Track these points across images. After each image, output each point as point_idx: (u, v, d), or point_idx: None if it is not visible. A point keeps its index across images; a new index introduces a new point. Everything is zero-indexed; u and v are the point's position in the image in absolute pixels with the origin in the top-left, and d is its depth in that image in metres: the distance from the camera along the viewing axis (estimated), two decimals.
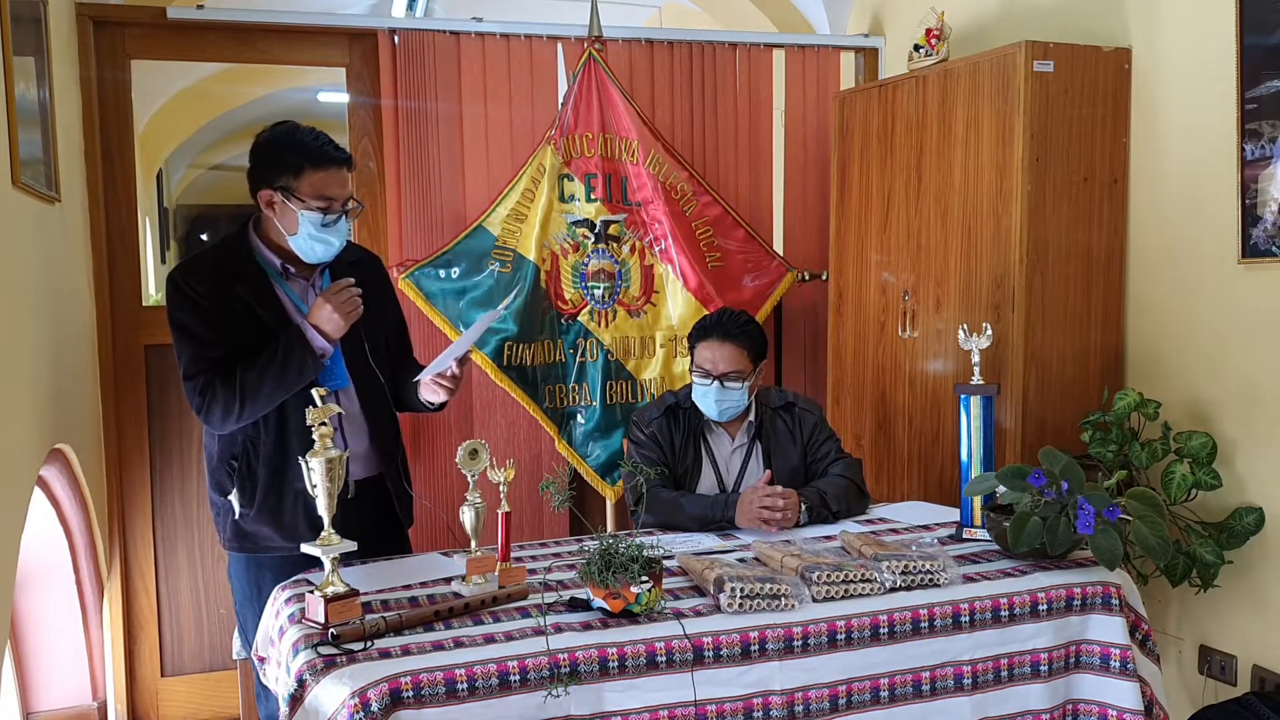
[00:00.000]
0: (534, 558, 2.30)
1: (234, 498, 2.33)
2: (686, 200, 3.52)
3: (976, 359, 2.43)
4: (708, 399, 2.66)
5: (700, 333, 2.72)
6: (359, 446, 2.40)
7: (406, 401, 2.55)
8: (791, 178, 3.86)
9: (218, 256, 2.35)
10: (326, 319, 2.28)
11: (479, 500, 2.09)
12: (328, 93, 5.05)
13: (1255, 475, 2.62)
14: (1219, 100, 2.65)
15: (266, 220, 2.32)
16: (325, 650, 1.75)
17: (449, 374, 2.42)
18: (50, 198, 2.67)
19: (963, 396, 2.39)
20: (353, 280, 2.33)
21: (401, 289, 3.26)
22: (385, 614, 1.86)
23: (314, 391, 1.95)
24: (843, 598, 1.98)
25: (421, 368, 2.51)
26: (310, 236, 2.28)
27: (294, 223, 2.27)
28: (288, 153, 2.28)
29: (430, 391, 2.45)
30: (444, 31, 3.42)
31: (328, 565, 1.89)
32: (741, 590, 1.91)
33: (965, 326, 2.54)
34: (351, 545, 1.93)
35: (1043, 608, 2.06)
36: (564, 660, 1.75)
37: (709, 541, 2.40)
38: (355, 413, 2.41)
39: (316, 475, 1.89)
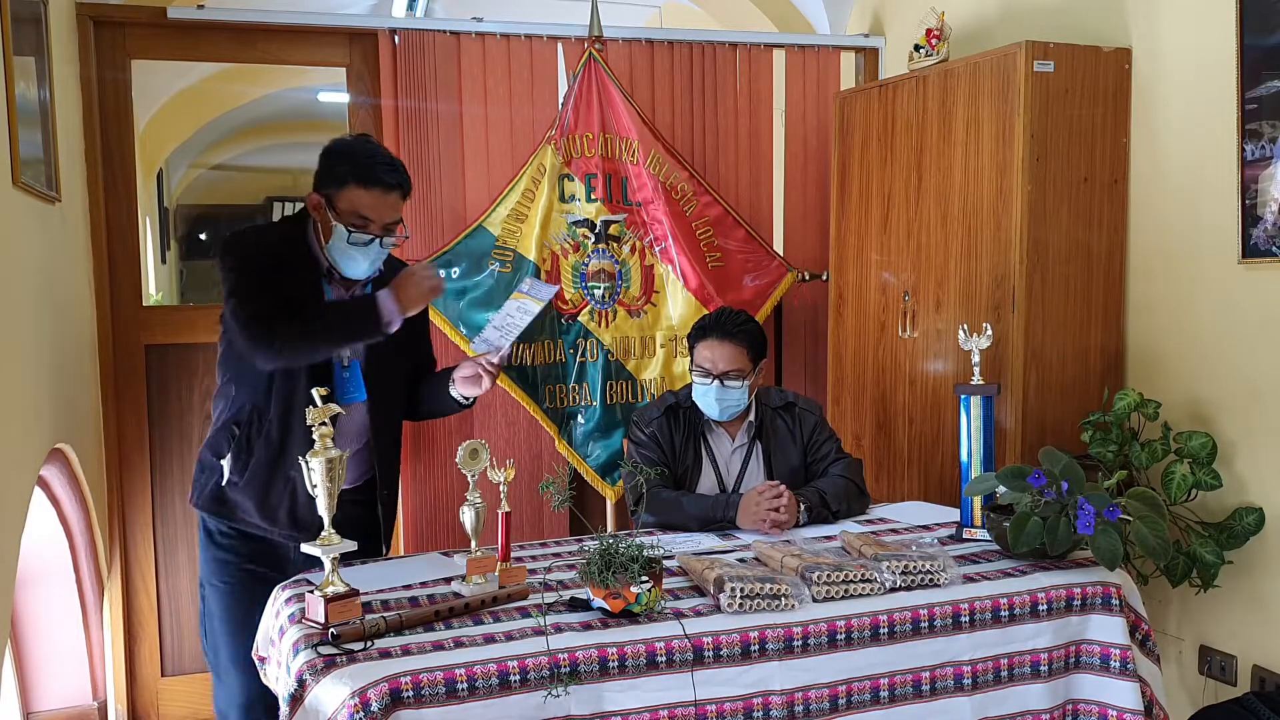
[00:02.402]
0: (534, 558, 2.30)
1: (226, 462, 2.32)
2: (687, 200, 3.52)
3: (976, 359, 2.43)
4: (708, 398, 2.66)
5: (700, 332, 2.72)
6: (361, 459, 2.40)
7: (429, 408, 2.54)
8: (791, 178, 3.86)
9: (280, 236, 2.37)
10: (413, 286, 2.28)
11: (479, 500, 2.09)
12: (328, 93, 5.06)
13: (1255, 475, 2.62)
14: (1219, 100, 2.64)
15: (315, 225, 2.34)
16: (325, 650, 1.75)
17: (499, 359, 2.45)
18: (50, 198, 2.67)
19: (963, 396, 2.39)
20: (439, 280, 2.37)
21: None
22: (385, 614, 1.86)
23: (314, 391, 1.94)
24: (843, 598, 1.98)
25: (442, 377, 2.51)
26: (340, 250, 2.29)
27: (329, 232, 2.28)
28: (340, 162, 2.29)
29: (472, 385, 2.45)
30: (444, 31, 3.41)
31: (328, 565, 1.89)
32: (741, 590, 1.91)
33: (965, 326, 2.54)
34: (352, 545, 1.93)
35: (1043, 608, 2.06)
36: (564, 660, 1.75)
37: (709, 541, 2.40)
38: (363, 426, 2.40)
39: (317, 475, 1.89)
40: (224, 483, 2.33)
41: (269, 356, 2.23)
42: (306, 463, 1.89)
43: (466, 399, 2.50)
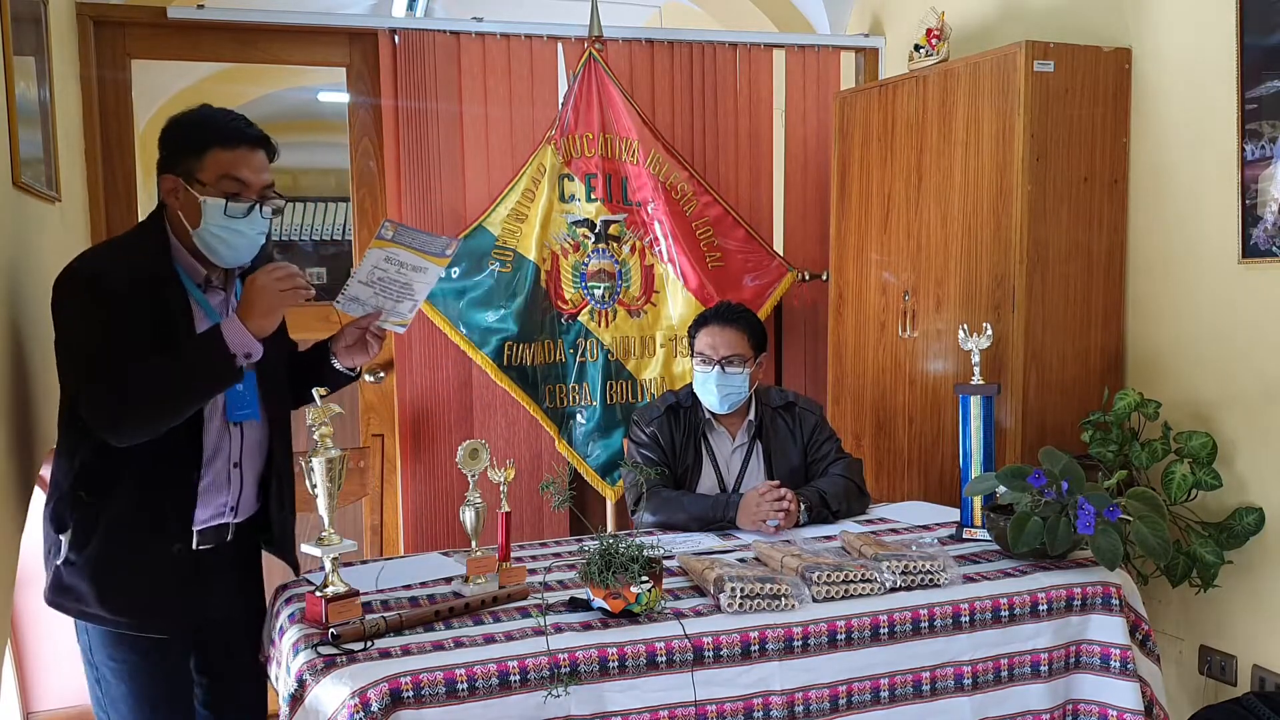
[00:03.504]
0: (534, 558, 2.30)
1: (65, 538, 1.93)
2: (686, 200, 3.52)
3: (976, 359, 2.43)
4: (709, 386, 2.66)
5: (700, 322, 2.75)
6: (251, 488, 2.09)
7: (304, 388, 2.09)
8: (791, 178, 3.86)
9: (130, 256, 1.97)
10: (259, 300, 1.88)
11: (479, 500, 2.09)
12: (328, 93, 5.06)
13: (1255, 475, 2.62)
14: (1219, 100, 2.64)
15: (175, 219, 1.98)
16: (325, 650, 1.75)
17: (393, 325, 2.16)
18: (50, 198, 2.67)
19: (963, 396, 2.39)
20: (294, 268, 1.94)
21: None
22: (385, 614, 1.86)
23: (315, 391, 1.93)
24: (843, 598, 1.99)
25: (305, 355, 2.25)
26: (216, 228, 1.93)
27: (196, 213, 1.92)
28: (191, 130, 1.96)
29: (357, 354, 2.17)
30: (444, 31, 3.41)
31: (328, 565, 1.89)
32: (741, 590, 1.91)
33: (965, 326, 2.54)
34: (352, 545, 1.92)
35: (1043, 608, 2.06)
36: (564, 660, 1.75)
37: (709, 541, 2.40)
38: (259, 448, 2.09)
39: (317, 475, 1.88)
40: (60, 562, 1.93)
41: (117, 439, 1.88)
42: (306, 463, 1.88)
43: (352, 370, 2.22)
